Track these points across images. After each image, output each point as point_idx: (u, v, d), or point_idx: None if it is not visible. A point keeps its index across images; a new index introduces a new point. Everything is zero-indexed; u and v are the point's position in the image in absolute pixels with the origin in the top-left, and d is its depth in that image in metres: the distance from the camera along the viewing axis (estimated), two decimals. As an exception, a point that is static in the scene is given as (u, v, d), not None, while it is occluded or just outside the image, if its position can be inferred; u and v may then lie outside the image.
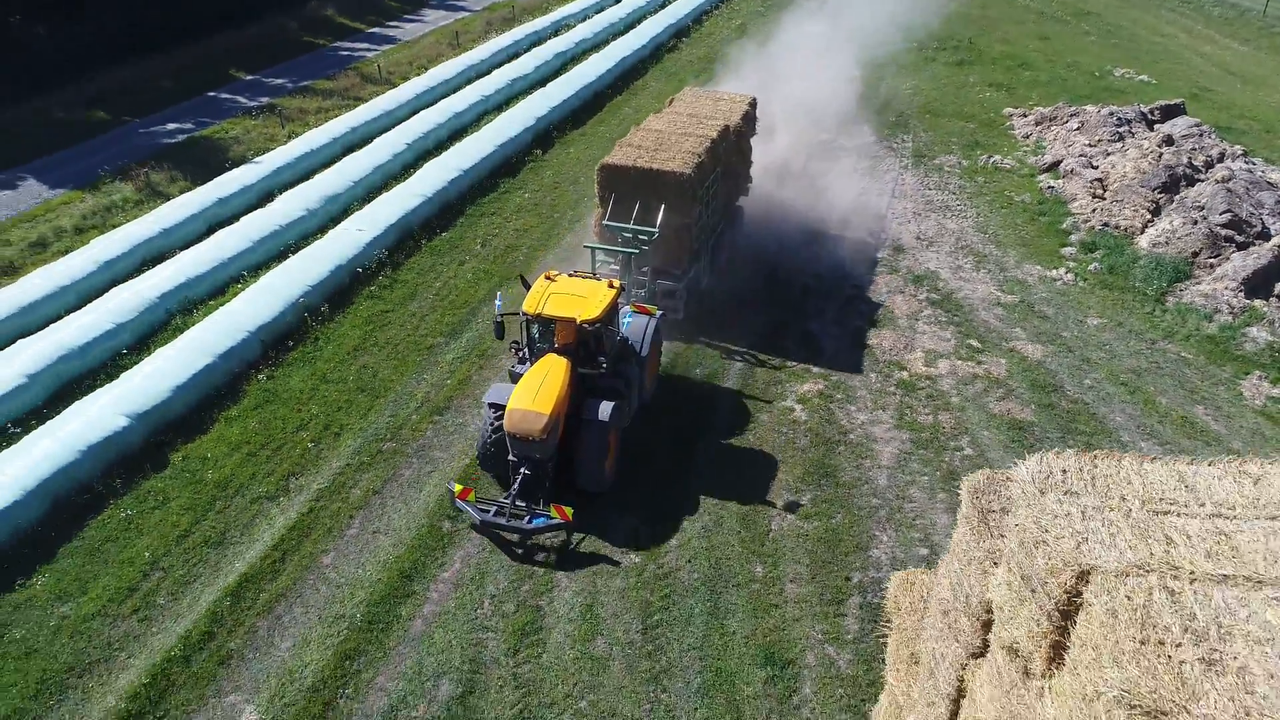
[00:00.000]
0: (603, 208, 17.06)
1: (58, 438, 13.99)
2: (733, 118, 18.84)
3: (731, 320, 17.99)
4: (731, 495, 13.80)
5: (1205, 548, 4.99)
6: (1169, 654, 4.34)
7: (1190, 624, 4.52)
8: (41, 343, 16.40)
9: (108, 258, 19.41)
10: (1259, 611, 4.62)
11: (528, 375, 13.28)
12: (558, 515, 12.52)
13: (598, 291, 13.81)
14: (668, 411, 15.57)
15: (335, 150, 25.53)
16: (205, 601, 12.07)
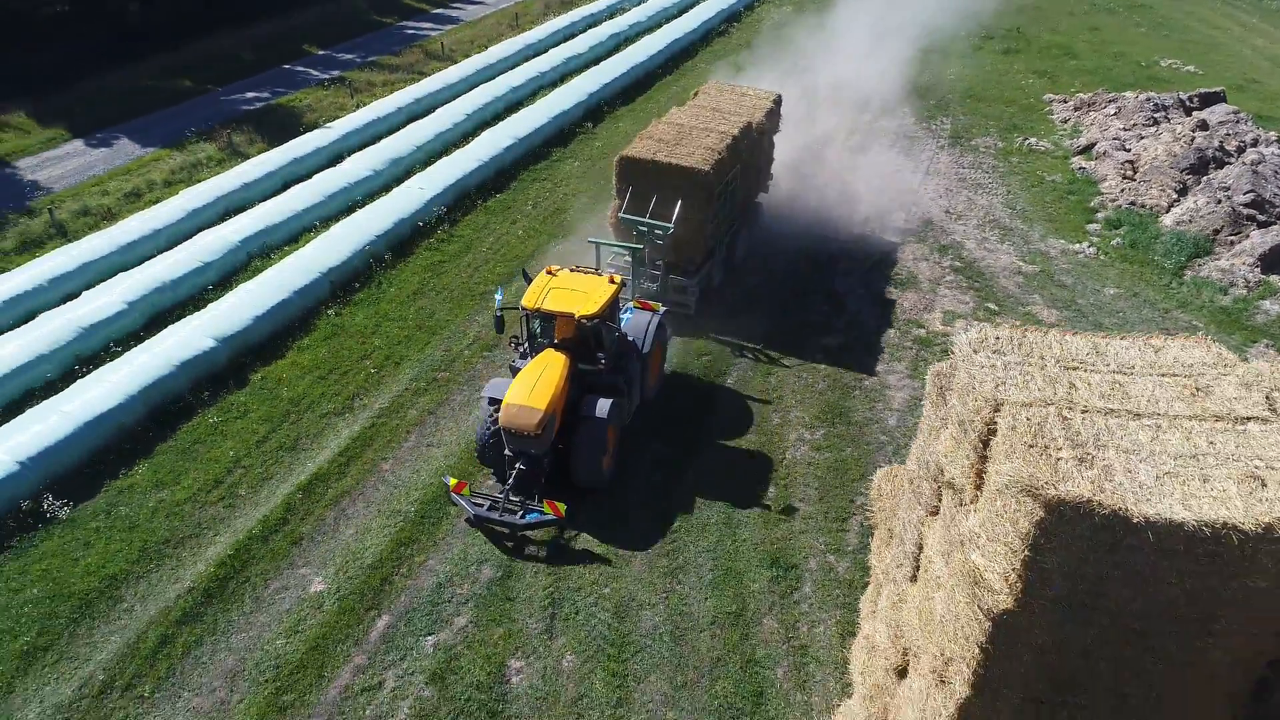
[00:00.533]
0: (619, 199, 16.88)
1: (155, 354, 15.85)
2: (756, 114, 18.64)
3: (761, 283, 19.17)
4: (751, 429, 15.07)
5: (1101, 391, 6.18)
6: (1050, 454, 5.56)
7: (1073, 438, 5.74)
8: (139, 276, 18.33)
9: (194, 207, 21.35)
10: (1133, 434, 5.82)
11: (525, 370, 13.21)
12: (550, 511, 12.49)
13: (598, 287, 13.66)
14: (701, 352, 16.88)
15: (400, 119, 27.27)
16: (280, 494, 13.75)
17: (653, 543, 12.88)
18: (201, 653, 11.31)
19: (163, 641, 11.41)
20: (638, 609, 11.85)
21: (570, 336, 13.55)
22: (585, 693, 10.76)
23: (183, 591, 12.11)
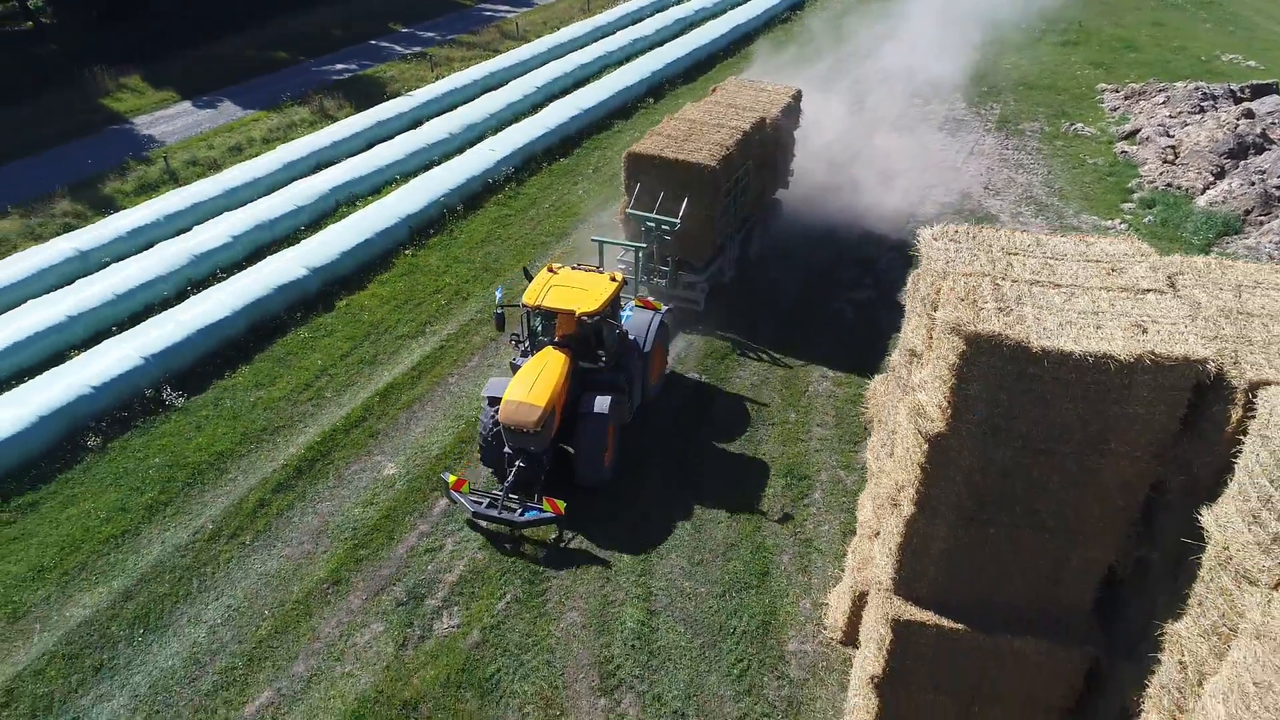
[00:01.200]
0: (628, 195, 16.82)
1: (255, 279, 18.07)
2: (771, 110, 18.45)
3: (797, 247, 20.52)
4: (780, 365, 16.58)
5: (1032, 269, 7.62)
6: (978, 306, 7.03)
7: (999, 298, 7.20)
8: (241, 216, 20.65)
9: (289, 159, 23.70)
10: (1050, 298, 7.26)
11: (525, 367, 13.20)
12: (550, 509, 12.44)
13: (599, 284, 13.60)
14: (741, 294, 18.41)
15: (475, 90, 29.35)
16: (360, 398, 15.77)
17: (675, 453, 14.50)
18: (292, 515, 13.34)
19: (260, 504, 13.48)
20: (663, 505, 13.49)
21: (571, 334, 13.48)
22: (614, 563, 12.44)
23: (278, 467, 14.19)
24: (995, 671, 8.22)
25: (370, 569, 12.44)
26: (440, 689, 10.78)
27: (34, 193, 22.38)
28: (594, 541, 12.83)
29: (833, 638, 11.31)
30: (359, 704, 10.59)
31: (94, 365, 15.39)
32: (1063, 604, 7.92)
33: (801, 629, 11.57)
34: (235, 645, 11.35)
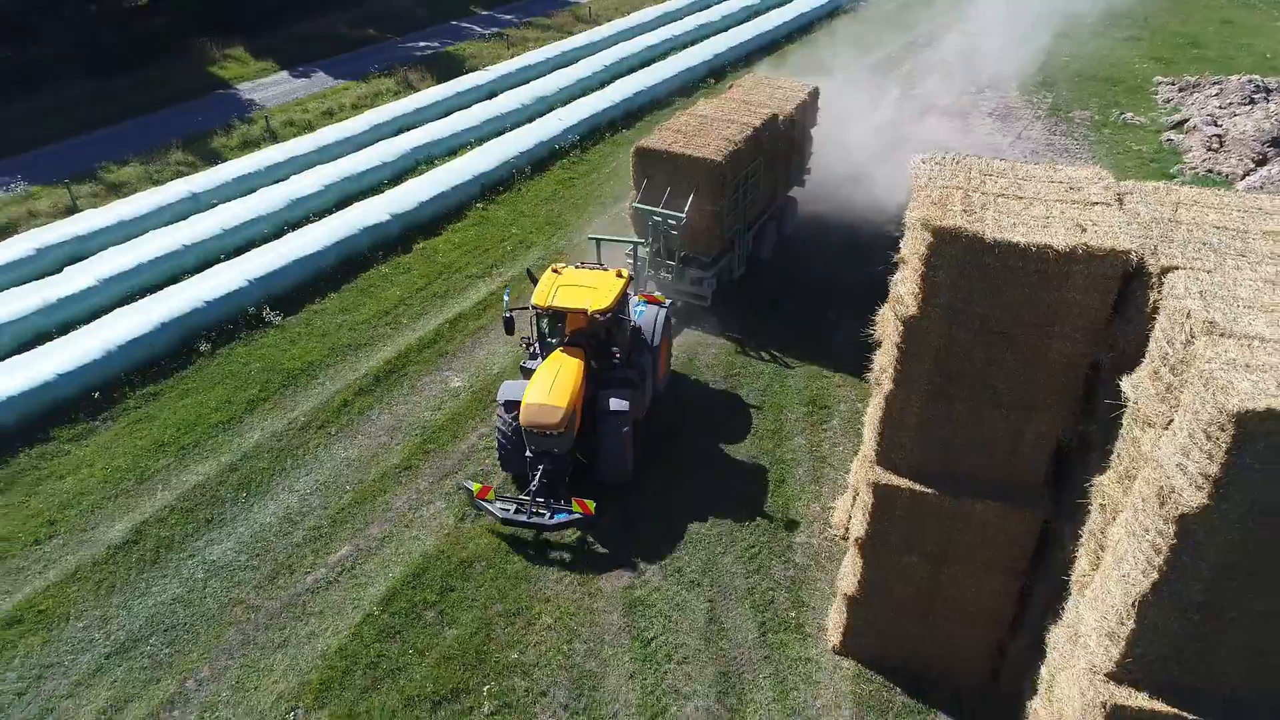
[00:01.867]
0: (636, 190, 16.94)
1: (344, 221, 20.23)
2: (785, 107, 18.52)
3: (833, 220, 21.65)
4: (806, 319, 17.98)
5: (1001, 186, 9.01)
6: (946, 208, 8.47)
7: (967, 204, 8.62)
8: (332, 169, 22.88)
9: (376, 123, 25.95)
10: (1011, 206, 8.65)
11: (541, 369, 13.11)
12: (580, 509, 12.36)
13: (606, 281, 13.61)
14: (776, 265, 19.87)
15: (547, 67, 31.31)
16: (432, 325, 17.73)
17: (716, 385, 16.08)
18: (371, 414, 15.34)
19: (344, 404, 15.51)
20: (691, 424, 15.07)
21: (582, 333, 13.44)
22: (644, 472, 13.99)
23: (360, 376, 16.23)
24: (959, 534, 9.60)
25: (436, 460, 14.33)
26: (491, 552, 12.59)
27: (151, 146, 25.01)
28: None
29: (836, 534, 12.77)
30: (423, 559, 12.45)
31: (206, 285, 17.68)
32: (1018, 474, 9.26)
33: (809, 527, 13.06)
34: (321, 510, 13.35)
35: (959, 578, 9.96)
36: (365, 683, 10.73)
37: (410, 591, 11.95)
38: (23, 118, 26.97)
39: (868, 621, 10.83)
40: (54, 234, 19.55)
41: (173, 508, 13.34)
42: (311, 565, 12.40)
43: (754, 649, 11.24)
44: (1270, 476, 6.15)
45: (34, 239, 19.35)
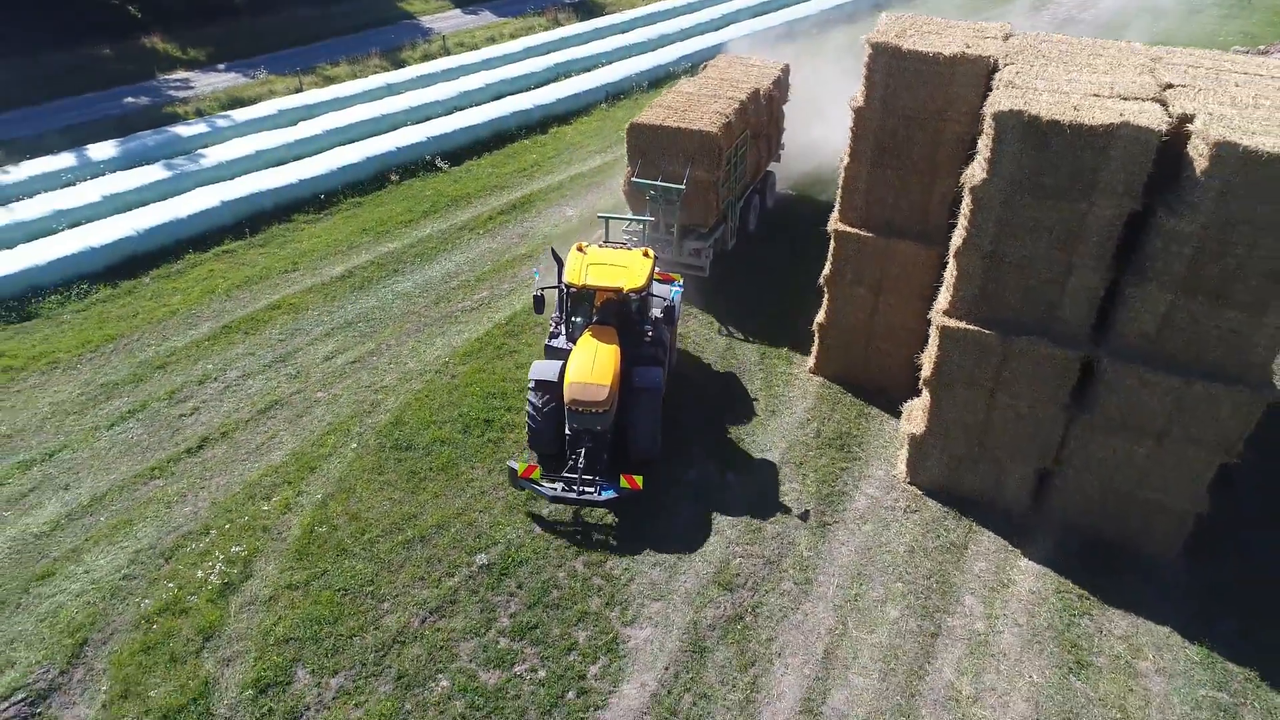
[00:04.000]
0: (631, 166, 17.59)
1: (499, 107, 26.22)
2: (763, 83, 19.41)
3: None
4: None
5: (933, 28, 13.58)
6: (896, 36, 13.16)
7: (901, 33, 13.27)
8: (491, 73, 28.98)
9: (528, 45, 32.07)
10: (932, 38, 13.24)
11: (579, 349, 13.18)
12: (628, 484, 12.38)
13: (635, 260, 13.88)
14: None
15: (674, 13, 36.64)
16: (558, 179, 23.36)
17: (742, 297, 20.98)
18: (507, 225, 21.05)
19: (489, 218, 21.30)
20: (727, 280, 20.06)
21: (612, 311, 13.60)
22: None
23: (501, 204, 22.03)
24: (890, 268, 14.16)
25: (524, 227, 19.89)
26: (583, 302, 17.99)
27: (355, 54, 31.83)
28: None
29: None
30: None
31: (396, 138, 23.95)
32: (930, 221, 13.69)
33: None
34: (469, 272, 19.11)
35: (891, 304, 14.58)
36: (491, 355, 16.32)
37: (521, 318, 17.46)
38: (264, 31, 34.43)
39: (831, 348, 15.60)
40: (289, 103, 26.36)
41: (371, 263, 19.43)
42: (461, 299, 18.17)
43: (754, 367, 16.18)
44: (1018, 158, 10.72)
45: (276, 104, 26.23)
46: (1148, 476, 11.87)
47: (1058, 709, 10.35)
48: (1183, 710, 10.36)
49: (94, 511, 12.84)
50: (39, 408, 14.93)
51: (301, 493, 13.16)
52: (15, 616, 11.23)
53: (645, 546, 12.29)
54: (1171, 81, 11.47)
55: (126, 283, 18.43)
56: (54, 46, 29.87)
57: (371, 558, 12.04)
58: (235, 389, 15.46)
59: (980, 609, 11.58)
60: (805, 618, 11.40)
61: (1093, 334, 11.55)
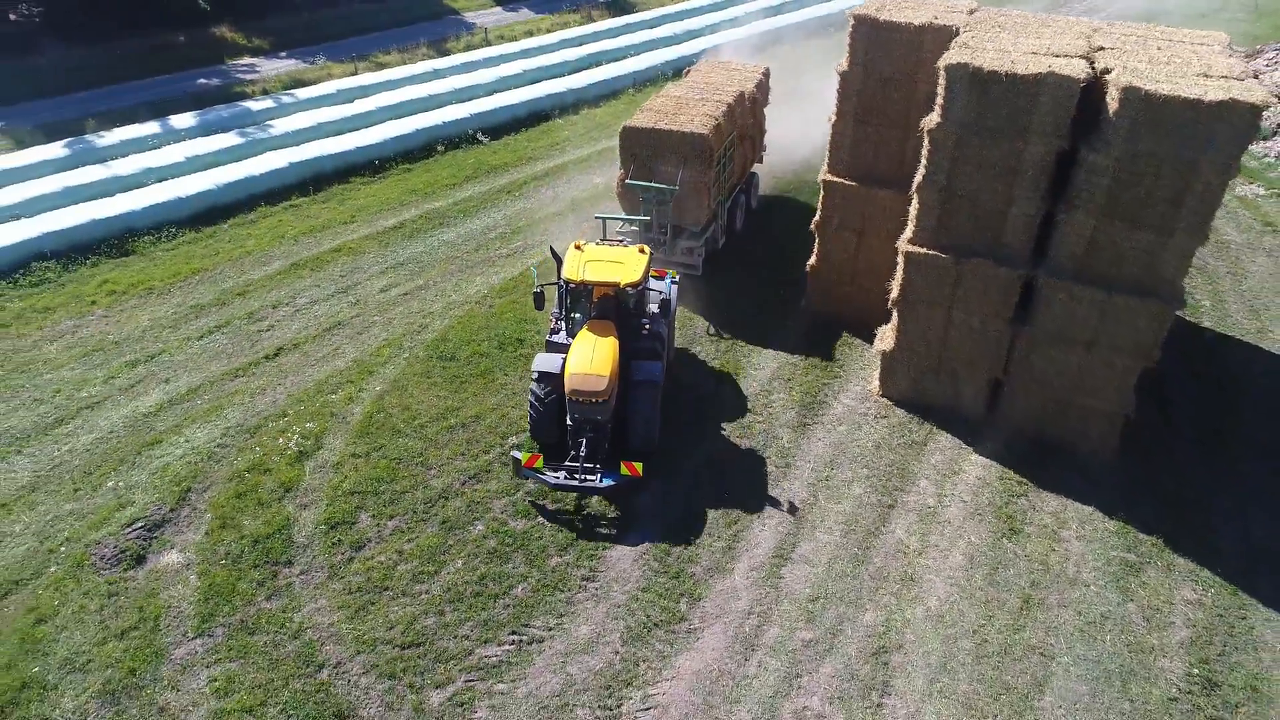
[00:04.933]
0: (624, 170, 18.01)
1: (535, 90, 28.78)
2: (747, 86, 20.01)
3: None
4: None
5: (911, 4, 15.76)
6: (878, 11, 15.36)
7: (881, 8, 15.47)
8: (528, 61, 31.56)
9: (564, 37, 34.78)
10: (910, 12, 15.41)
11: (579, 341, 13.52)
12: (628, 471, 12.74)
13: (631, 257, 14.21)
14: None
15: (701, 10, 39.06)
16: (585, 153, 25.79)
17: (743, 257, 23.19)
18: (541, 189, 23.46)
19: (524, 183, 23.75)
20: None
21: (610, 306, 13.92)
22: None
23: (535, 171, 24.46)
24: (871, 214, 16.26)
25: (580, 212, 22.21)
26: (605, 251, 20.32)
27: (405, 44, 34.59)
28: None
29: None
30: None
31: (442, 114, 26.57)
32: (904, 172, 15.76)
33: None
34: (506, 226, 21.51)
35: (871, 246, 16.68)
36: (524, 291, 18.58)
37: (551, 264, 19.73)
38: (321, 23, 37.35)
39: (821, 287, 17.73)
40: (346, 84, 29.11)
41: (420, 217, 21.92)
42: (499, 248, 20.57)
43: (757, 308, 18.32)
44: (965, 104, 12.86)
45: (334, 85, 29.00)
46: (1081, 382, 13.87)
47: (989, 561, 12.40)
48: (1095, 565, 12.37)
49: (190, 399, 15.35)
50: (140, 322, 17.53)
51: (362, 389, 15.58)
52: (131, 472, 13.72)
53: (650, 434, 14.52)
54: (1103, 45, 13.56)
55: (208, 228, 21.09)
56: (134, 34, 32.93)
57: (421, 437, 14.40)
58: (304, 312, 17.96)
59: (932, 489, 13.66)
60: (782, 491, 13.55)
61: (1031, 256, 13.61)
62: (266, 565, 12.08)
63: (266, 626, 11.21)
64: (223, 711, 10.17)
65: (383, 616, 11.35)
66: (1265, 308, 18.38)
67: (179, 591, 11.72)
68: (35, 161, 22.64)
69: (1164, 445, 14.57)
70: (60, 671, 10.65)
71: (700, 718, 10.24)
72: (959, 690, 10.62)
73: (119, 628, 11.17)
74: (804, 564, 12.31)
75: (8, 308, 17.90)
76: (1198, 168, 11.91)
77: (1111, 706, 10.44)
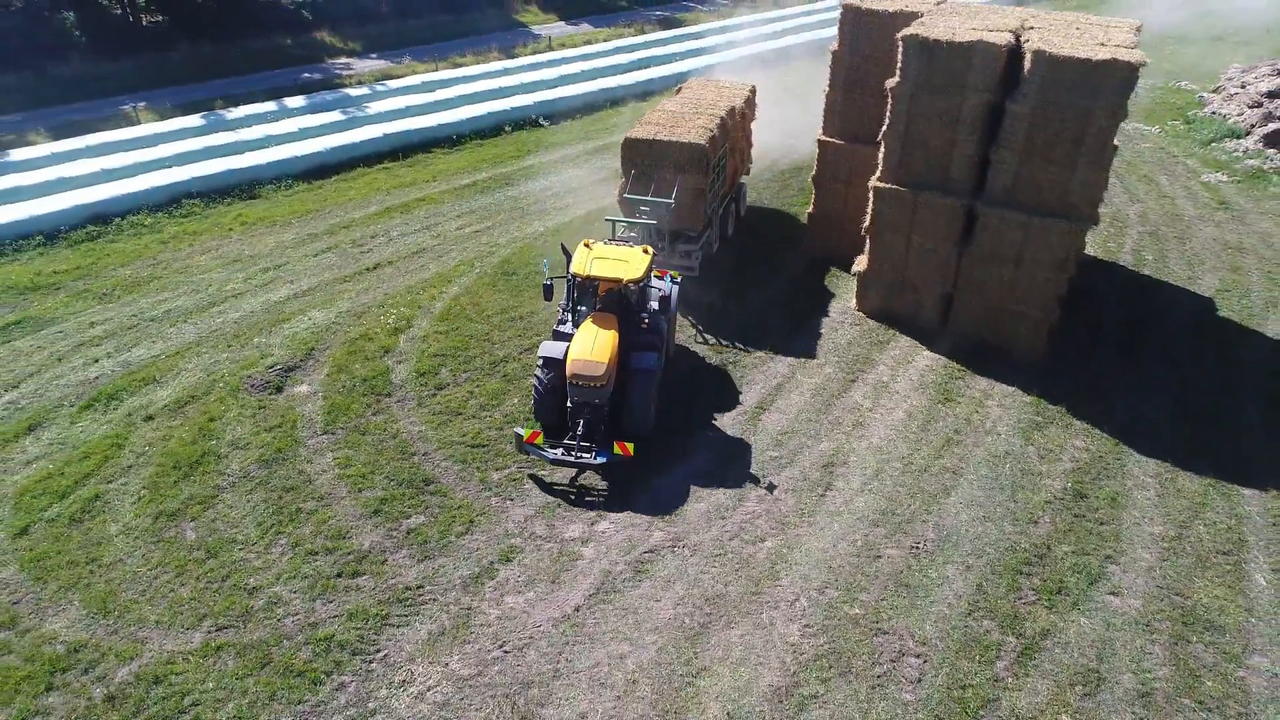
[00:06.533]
0: (625, 179, 19.12)
1: (592, 85, 33.16)
2: (736, 102, 21.31)
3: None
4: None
5: (898, 4, 19.61)
6: (863, 5, 19.23)
7: (869, 3, 19.33)
8: (585, 64, 35.99)
9: (619, 45, 39.27)
10: (889, 4, 19.25)
11: (581, 331, 14.56)
12: (620, 451, 13.62)
13: (635, 256, 15.19)
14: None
15: (746, 25, 43.36)
16: (632, 135, 29.93)
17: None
18: (594, 163, 27.54)
19: (579, 157, 27.92)
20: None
21: (614, 299, 14.92)
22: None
23: (590, 150, 28.64)
24: (856, 168, 19.91)
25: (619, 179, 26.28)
26: (642, 206, 24.36)
27: (478, 49, 39.44)
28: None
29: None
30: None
31: (509, 102, 31.10)
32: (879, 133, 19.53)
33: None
34: (560, 189, 25.63)
35: (856, 195, 20.33)
36: (572, 232, 22.61)
37: (595, 216, 23.81)
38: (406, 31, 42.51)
39: (817, 232, 21.44)
40: (428, 77, 33.95)
41: (489, 178, 26.26)
42: (554, 202, 24.66)
43: (761, 257, 22.10)
44: (917, 66, 16.59)
45: (419, 78, 33.86)
46: (1013, 293, 17.34)
47: (924, 417, 15.92)
48: (1008, 422, 15.80)
49: (310, 294, 19.67)
50: (268, 244, 22.02)
51: (443, 291, 19.74)
52: (269, 337, 18.00)
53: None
54: (1032, 26, 17.22)
55: (318, 182, 25.71)
56: (251, 35, 38.33)
57: (487, 324, 18.45)
58: (396, 241, 22.29)
59: (888, 371, 17.23)
60: (767, 369, 17.23)
61: (972, 189, 17.20)
62: (372, 396, 16.17)
63: (373, 430, 15.26)
64: (344, 475, 14.18)
65: (457, 429, 15.31)
66: (1200, 262, 21.57)
67: (309, 408, 15.86)
68: (179, 128, 27.69)
69: (1087, 353, 17.91)
70: (228, 448, 14.82)
71: (690, 496, 13.95)
72: (885, 490, 14.15)
73: (268, 425, 15.33)
74: (778, 414, 15.96)
75: (166, 229, 22.60)
76: (1092, 114, 15.48)
77: (1000, 505, 13.86)
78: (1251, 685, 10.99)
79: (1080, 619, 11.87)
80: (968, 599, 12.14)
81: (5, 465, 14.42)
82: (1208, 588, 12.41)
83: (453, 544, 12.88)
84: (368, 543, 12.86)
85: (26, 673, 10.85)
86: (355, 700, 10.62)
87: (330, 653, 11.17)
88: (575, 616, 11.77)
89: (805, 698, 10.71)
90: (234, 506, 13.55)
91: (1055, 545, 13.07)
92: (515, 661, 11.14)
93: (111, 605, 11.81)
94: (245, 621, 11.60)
